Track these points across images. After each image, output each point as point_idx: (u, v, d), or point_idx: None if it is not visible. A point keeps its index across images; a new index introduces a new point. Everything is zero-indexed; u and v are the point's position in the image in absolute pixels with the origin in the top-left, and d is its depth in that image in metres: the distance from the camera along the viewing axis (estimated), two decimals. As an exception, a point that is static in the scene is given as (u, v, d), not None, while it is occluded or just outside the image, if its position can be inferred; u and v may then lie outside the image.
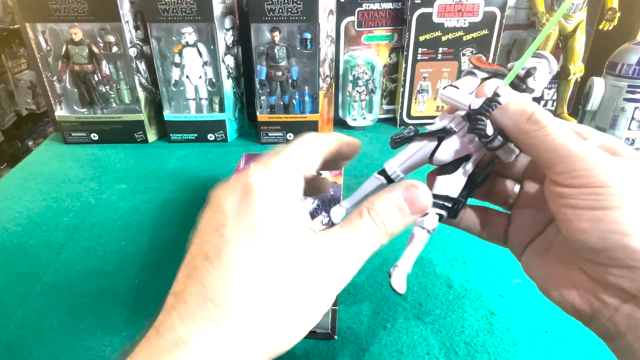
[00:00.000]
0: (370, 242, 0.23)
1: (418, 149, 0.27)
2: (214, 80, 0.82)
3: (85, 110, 0.83)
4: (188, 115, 0.84)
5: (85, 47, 0.78)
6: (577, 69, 0.83)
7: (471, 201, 0.30)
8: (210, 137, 0.85)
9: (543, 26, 0.80)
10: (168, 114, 0.83)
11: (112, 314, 0.44)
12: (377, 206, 0.24)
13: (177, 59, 0.80)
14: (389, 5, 0.85)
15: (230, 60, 0.82)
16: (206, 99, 0.84)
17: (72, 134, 0.84)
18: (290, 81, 0.81)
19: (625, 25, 0.82)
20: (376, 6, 0.85)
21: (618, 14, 0.77)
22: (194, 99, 0.84)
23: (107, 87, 0.82)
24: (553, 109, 0.91)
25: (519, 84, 0.26)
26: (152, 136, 0.86)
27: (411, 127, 0.28)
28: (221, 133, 0.85)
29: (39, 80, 0.82)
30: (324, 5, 0.76)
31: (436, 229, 0.27)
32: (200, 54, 0.80)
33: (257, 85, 0.81)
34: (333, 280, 0.22)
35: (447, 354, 0.39)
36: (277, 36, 0.77)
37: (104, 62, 0.80)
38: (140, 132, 0.84)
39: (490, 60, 0.88)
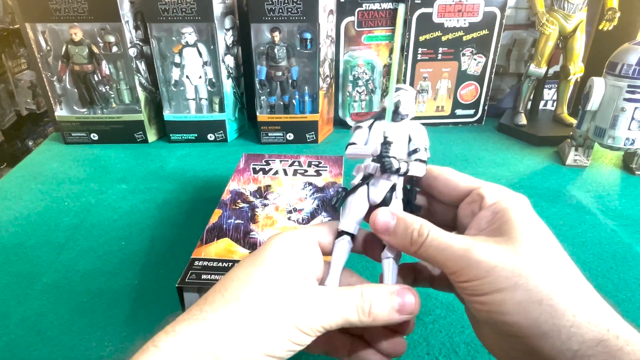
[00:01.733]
0: (349, 311, 0.26)
1: (357, 202, 0.31)
2: (214, 80, 0.82)
3: (85, 110, 0.83)
4: (188, 115, 0.84)
5: (85, 47, 0.78)
6: (577, 69, 0.83)
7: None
8: (210, 137, 0.85)
9: (543, 26, 0.80)
10: (168, 114, 0.83)
11: (112, 314, 0.44)
12: (372, 292, 0.27)
13: (177, 59, 0.80)
14: (389, 5, 0.85)
15: (230, 60, 0.82)
16: (206, 99, 0.84)
17: (72, 134, 0.84)
18: (290, 81, 0.81)
19: (625, 25, 0.82)
20: (376, 6, 0.85)
21: (618, 14, 0.77)
22: (194, 99, 0.84)
23: (107, 87, 0.82)
24: (553, 109, 0.91)
25: (396, 116, 0.32)
26: (152, 136, 0.86)
27: (339, 188, 0.33)
28: (221, 133, 0.85)
29: (39, 80, 0.82)
30: (324, 5, 0.76)
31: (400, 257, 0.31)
32: (200, 54, 0.80)
33: (257, 85, 0.81)
34: (295, 320, 0.25)
35: (447, 354, 0.39)
36: (277, 36, 0.77)
37: (104, 62, 0.80)
38: (140, 132, 0.84)
39: (490, 60, 0.88)
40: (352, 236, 0.31)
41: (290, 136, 0.84)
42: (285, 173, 0.58)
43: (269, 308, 0.25)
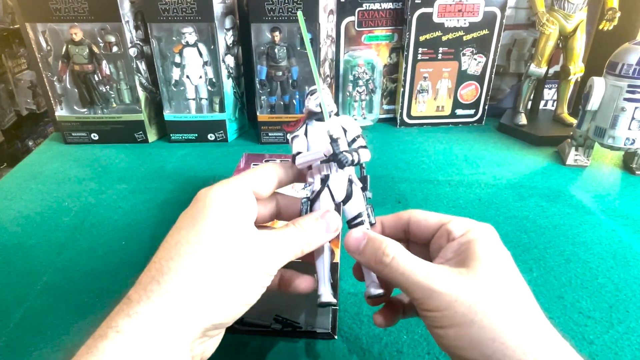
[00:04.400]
0: (296, 244, 0.29)
1: (324, 206, 0.32)
2: (214, 80, 0.82)
3: (85, 110, 0.83)
4: (188, 115, 0.84)
5: (85, 47, 0.78)
6: (577, 69, 0.83)
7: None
8: (211, 137, 0.85)
9: (543, 26, 0.80)
10: (168, 114, 0.83)
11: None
12: (301, 221, 0.30)
13: (177, 59, 0.80)
14: (389, 5, 0.85)
15: (230, 60, 0.82)
16: (206, 99, 0.84)
17: (72, 134, 0.84)
18: (290, 81, 0.81)
19: (626, 25, 0.82)
20: (376, 6, 0.85)
21: (618, 14, 0.77)
22: (194, 99, 0.84)
23: (108, 87, 0.82)
24: (553, 108, 0.91)
25: (321, 114, 0.33)
26: (152, 136, 0.86)
27: (302, 199, 0.33)
28: (221, 133, 0.85)
29: (39, 80, 0.82)
30: (324, 5, 0.76)
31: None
32: (201, 54, 0.80)
33: (258, 85, 0.81)
34: (261, 266, 0.27)
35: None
36: (277, 36, 0.77)
37: (104, 62, 0.80)
38: (141, 132, 0.84)
39: (490, 60, 0.88)
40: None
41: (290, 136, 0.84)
42: None
43: (234, 261, 0.26)
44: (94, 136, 0.84)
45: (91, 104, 0.83)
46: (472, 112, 0.93)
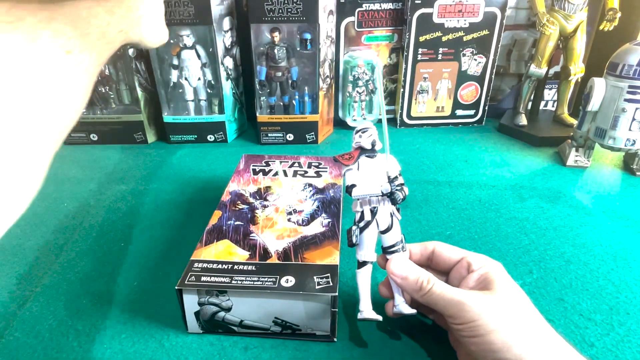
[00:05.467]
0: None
1: (371, 234, 0.38)
2: (212, 82, 0.82)
3: (84, 110, 0.83)
4: (187, 117, 0.84)
5: (84, 48, 0.77)
6: (577, 70, 0.83)
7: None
8: (210, 138, 0.85)
9: (543, 26, 0.80)
10: (167, 116, 0.83)
11: (111, 316, 0.43)
12: None
13: (175, 61, 0.79)
14: (389, 6, 0.85)
15: (229, 62, 0.82)
16: (205, 101, 0.84)
17: (72, 135, 0.84)
18: (290, 82, 0.81)
19: (626, 25, 0.82)
20: (376, 6, 0.85)
21: (618, 15, 0.77)
22: (192, 101, 0.84)
23: (107, 87, 0.82)
24: (554, 109, 0.91)
25: (374, 152, 0.40)
26: (151, 137, 0.86)
27: (352, 227, 0.38)
28: (221, 134, 0.85)
29: (39, 80, 0.82)
30: (324, 5, 0.76)
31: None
32: (199, 56, 0.79)
33: (257, 86, 0.81)
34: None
35: (447, 355, 0.39)
36: (277, 36, 0.77)
37: (103, 63, 0.79)
38: (140, 132, 0.84)
39: (490, 60, 0.88)
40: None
41: (290, 137, 0.84)
42: (285, 174, 0.58)
43: None
44: (93, 137, 0.84)
45: (90, 105, 0.83)
46: (472, 112, 0.93)
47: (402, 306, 0.38)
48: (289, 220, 0.48)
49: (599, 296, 0.46)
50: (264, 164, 0.61)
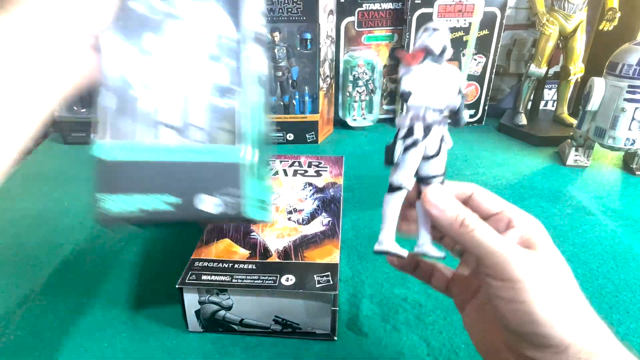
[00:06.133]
0: None
1: (416, 155, 0.30)
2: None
3: (85, 110, 0.83)
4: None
5: (85, 48, 0.77)
6: (577, 69, 0.83)
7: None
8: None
9: (543, 26, 0.80)
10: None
11: (111, 315, 0.43)
12: None
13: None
14: (389, 6, 0.85)
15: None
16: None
17: (72, 134, 0.84)
18: (290, 81, 0.81)
19: (626, 25, 0.82)
20: (376, 6, 0.85)
21: (618, 14, 0.77)
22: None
23: (107, 87, 0.82)
24: (553, 109, 0.91)
25: (441, 59, 0.30)
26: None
27: (398, 143, 0.31)
28: None
29: (39, 80, 0.82)
30: (324, 5, 0.76)
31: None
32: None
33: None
34: None
35: (447, 355, 0.39)
36: (277, 36, 0.77)
37: (103, 63, 0.80)
38: (140, 132, 0.84)
39: (490, 60, 0.88)
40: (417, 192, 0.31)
41: (290, 136, 0.84)
42: (286, 173, 0.58)
43: None
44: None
45: (91, 105, 0.82)
46: (472, 112, 0.93)
47: (427, 247, 0.31)
48: (289, 219, 0.48)
49: (598, 295, 0.46)
50: None
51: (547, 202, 0.64)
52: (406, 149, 0.30)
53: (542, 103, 0.94)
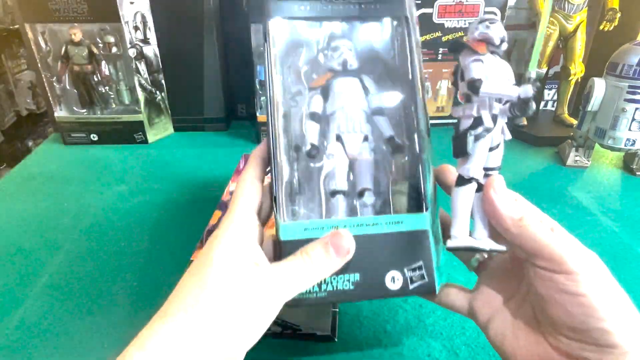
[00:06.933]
0: (304, 278, 0.28)
1: (485, 146, 0.29)
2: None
3: (84, 110, 0.83)
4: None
5: (84, 48, 0.78)
6: (577, 70, 0.83)
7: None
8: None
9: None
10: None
11: (111, 315, 0.43)
12: (309, 248, 0.29)
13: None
14: (389, 6, 0.85)
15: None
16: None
17: (72, 135, 0.84)
18: (290, 82, 0.81)
19: (626, 25, 0.82)
20: (376, 6, 0.85)
21: (618, 15, 0.77)
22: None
23: (107, 87, 0.82)
24: (554, 109, 0.91)
25: (500, 49, 0.29)
26: (151, 136, 0.86)
27: (470, 130, 0.29)
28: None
29: (39, 80, 0.82)
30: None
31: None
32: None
33: (257, 86, 0.81)
34: (267, 304, 0.27)
35: (448, 355, 0.39)
36: (277, 36, 0.77)
37: (103, 63, 0.80)
38: (140, 132, 0.84)
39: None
40: (478, 184, 0.30)
41: (290, 137, 0.84)
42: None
43: (233, 304, 0.26)
44: (94, 137, 0.84)
45: (90, 105, 0.83)
46: (472, 112, 0.93)
47: (486, 241, 0.30)
48: None
49: (599, 296, 0.46)
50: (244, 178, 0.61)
51: (547, 202, 0.64)
52: (476, 139, 0.29)
53: (542, 103, 0.94)
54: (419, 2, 0.81)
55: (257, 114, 0.83)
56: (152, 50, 0.81)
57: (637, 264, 0.50)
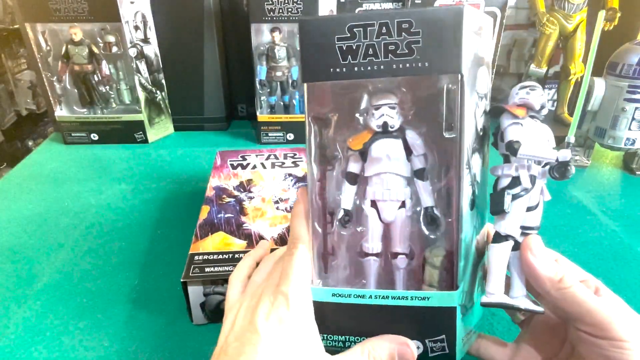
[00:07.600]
0: None
1: (522, 205, 0.30)
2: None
3: (85, 110, 0.83)
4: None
5: (85, 47, 0.78)
6: (577, 69, 0.83)
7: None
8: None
9: (543, 26, 0.80)
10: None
11: (112, 315, 0.43)
12: (377, 351, 0.29)
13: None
14: (389, 5, 0.85)
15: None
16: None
17: (72, 134, 0.84)
18: (290, 81, 0.81)
19: (626, 25, 0.82)
20: (376, 6, 0.85)
21: (618, 14, 0.77)
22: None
23: (107, 87, 0.82)
24: (553, 109, 0.91)
25: (540, 115, 0.31)
26: (152, 136, 0.86)
27: (507, 190, 0.30)
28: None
29: (39, 80, 0.82)
30: (324, 5, 0.76)
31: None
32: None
33: (257, 86, 0.81)
34: None
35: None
36: (277, 36, 0.77)
37: (104, 62, 0.80)
38: (140, 132, 0.84)
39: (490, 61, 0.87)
40: (515, 241, 0.30)
41: (290, 136, 0.84)
42: (264, 166, 0.61)
43: None
44: (94, 136, 0.84)
45: (91, 104, 0.83)
46: (472, 112, 0.93)
47: (523, 300, 0.30)
48: (277, 208, 0.50)
49: (598, 295, 0.46)
50: (241, 159, 0.63)
51: (547, 202, 0.63)
52: (513, 198, 0.30)
53: (542, 103, 0.94)
54: (419, 2, 0.82)
55: (257, 114, 0.83)
56: (152, 49, 0.81)
57: (637, 263, 0.50)
